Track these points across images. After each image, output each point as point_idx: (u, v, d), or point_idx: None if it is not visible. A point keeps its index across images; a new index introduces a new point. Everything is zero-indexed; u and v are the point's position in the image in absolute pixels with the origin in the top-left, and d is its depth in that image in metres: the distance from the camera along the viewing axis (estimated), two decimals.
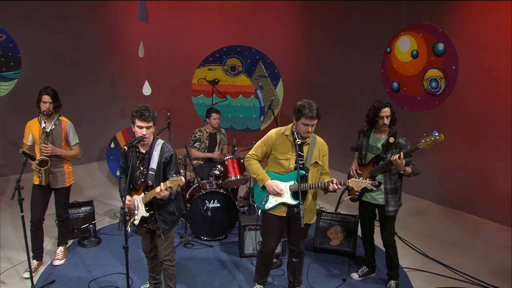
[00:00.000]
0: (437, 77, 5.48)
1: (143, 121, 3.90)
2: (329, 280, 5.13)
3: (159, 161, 4.03)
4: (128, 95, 9.33)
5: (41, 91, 5.00)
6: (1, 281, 4.90)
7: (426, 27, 5.55)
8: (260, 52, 7.56)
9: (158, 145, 4.07)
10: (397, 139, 4.58)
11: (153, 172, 4.02)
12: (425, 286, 5.09)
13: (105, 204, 7.11)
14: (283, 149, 4.22)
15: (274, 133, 4.30)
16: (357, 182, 4.05)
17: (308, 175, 4.20)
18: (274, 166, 4.30)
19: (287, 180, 4.23)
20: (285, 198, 4.22)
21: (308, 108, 3.98)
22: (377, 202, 4.75)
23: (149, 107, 3.96)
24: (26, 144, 5.12)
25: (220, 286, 4.95)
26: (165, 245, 4.24)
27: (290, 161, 4.19)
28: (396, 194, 4.67)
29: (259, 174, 4.31)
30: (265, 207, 4.31)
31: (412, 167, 4.52)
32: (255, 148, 4.38)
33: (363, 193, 4.84)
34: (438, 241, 6.22)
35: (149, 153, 4.05)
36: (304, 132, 4.08)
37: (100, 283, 4.90)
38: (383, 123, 4.59)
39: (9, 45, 6.13)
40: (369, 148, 4.78)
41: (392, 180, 4.64)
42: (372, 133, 4.78)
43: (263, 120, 7.68)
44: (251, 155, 4.38)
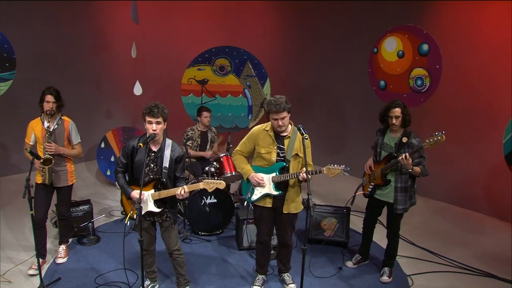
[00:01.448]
0: (422, 75, 5.85)
1: (152, 117, 4.12)
2: (325, 268, 5.43)
3: (171, 159, 4.26)
4: (114, 96, 9.41)
5: (44, 91, 5.07)
6: (6, 280, 4.97)
7: (412, 29, 5.92)
8: (247, 53, 7.78)
9: (169, 145, 4.30)
10: (410, 139, 4.74)
11: (166, 170, 4.23)
12: (414, 270, 5.44)
13: (98, 204, 7.17)
14: (264, 143, 4.47)
15: (256, 130, 4.57)
16: (331, 169, 4.27)
17: (289, 167, 4.44)
18: (259, 161, 4.56)
19: (270, 172, 4.48)
20: (268, 189, 4.49)
21: (273, 103, 4.22)
22: (386, 199, 4.98)
23: (158, 104, 4.18)
24: (28, 143, 5.16)
25: (223, 278, 5.15)
26: (173, 236, 4.48)
27: (272, 154, 4.44)
28: (405, 193, 4.86)
29: (243, 168, 4.59)
30: (252, 198, 4.60)
31: (422, 167, 4.73)
32: (240, 144, 4.67)
33: (375, 190, 5.07)
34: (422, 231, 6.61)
35: (161, 152, 4.26)
36: (276, 126, 4.33)
37: (105, 279, 5.02)
38: (391, 122, 4.81)
39: (4, 46, 6.18)
40: (384, 146, 4.98)
41: (402, 179, 4.84)
42: (388, 132, 4.98)
43: (251, 119, 7.90)
44: (237, 151, 4.68)
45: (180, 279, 4.67)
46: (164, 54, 9.72)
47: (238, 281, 5.11)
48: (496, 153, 6.56)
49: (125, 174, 4.43)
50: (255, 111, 7.84)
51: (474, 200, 7.27)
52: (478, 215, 7.22)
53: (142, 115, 4.23)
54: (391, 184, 4.90)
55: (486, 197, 7.16)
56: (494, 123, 6.77)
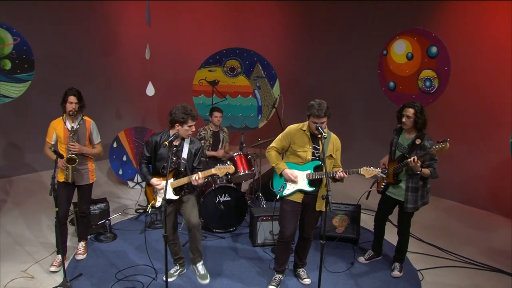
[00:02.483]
0: (431, 77, 6.05)
1: (194, 121, 4.64)
2: (338, 264, 5.61)
3: (189, 152, 4.70)
4: (124, 97, 9.57)
5: (66, 92, 5.21)
6: (29, 275, 5.13)
7: (421, 31, 6.11)
8: (257, 54, 7.97)
9: (188, 139, 4.75)
10: (423, 141, 4.87)
11: (184, 161, 4.68)
12: (424, 266, 5.63)
13: (111, 202, 7.21)
14: (300, 142, 4.66)
15: (293, 129, 4.74)
16: (368, 170, 4.50)
17: (323, 166, 4.58)
18: (293, 158, 4.74)
19: (305, 169, 4.67)
20: (302, 185, 4.67)
21: (316, 108, 4.41)
22: (398, 197, 5.16)
23: (190, 107, 4.65)
24: (49, 143, 5.28)
25: (239, 273, 5.33)
26: (194, 207, 4.87)
27: (308, 153, 4.64)
28: (416, 192, 5.00)
29: (277, 164, 4.77)
30: (283, 193, 4.75)
31: (432, 170, 4.88)
32: (276, 141, 4.84)
33: (388, 187, 5.26)
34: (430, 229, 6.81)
35: (181, 146, 4.70)
36: (314, 129, 4.52)
37: (125, 274, 5.18)
38: (402, 121, 4.97)
39: (23, 48, 6.34)
40: (398, 146, 5.13)
41: (413, 179, 4.98)
42: (403, 132, 5.12)
43: (261, 119, 8.08)
44: (272, 147, 4.85)
45: (196, 254, 5.04)
46: (173, 55, 9.90)
47: (254, 276, 5.29)
48: (502, 152, 6.78)
49: (148, 165, 4.88)
50: (265, 111, 8.01)
51: (479, 198, 7.47)
52: (484, 212, 7.42)
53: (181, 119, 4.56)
54: (402, 183, 5.08)
55: (491, 195, 7.36)
56: (500, 123, 6.98)
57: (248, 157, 6.67)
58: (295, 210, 4.77)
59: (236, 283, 5.13)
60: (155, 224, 6.49)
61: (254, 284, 5.11)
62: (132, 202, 7.45)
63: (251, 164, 6.63)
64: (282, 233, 4.88)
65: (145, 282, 5.03)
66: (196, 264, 5.05)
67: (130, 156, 8.07)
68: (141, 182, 8.09)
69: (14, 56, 6.29)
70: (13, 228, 6.37)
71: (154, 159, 4.79)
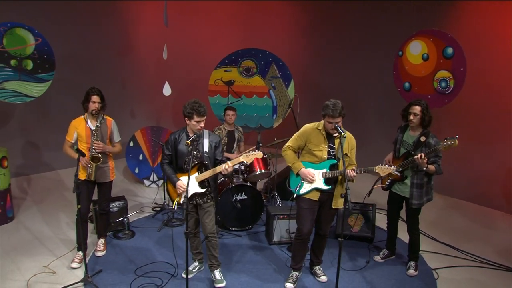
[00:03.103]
0: (446, 77, 6.11)
1: (201, 117, 4.61)
2: (353, 262, 5.70)
3: (210, 144, 4.79)
4: (138, 96, 9.71)
5: (89, 92, 5.30)
6: (51, 270, 5.26)
7: (436, 33, 6.18)
8: (273, 55, 8.06)
9: (206, 133, 4.85)
10: (428, 139, 4.97)
11: (207, 154, 4.75)
12: (438, 264, 5.70)
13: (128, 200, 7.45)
14: (316, 141, 4.75)
15: (309, 128, 4.83)
16: (383, 168, 4.61)
17: (339, 164, 4.74)
18: (309, 157, 4.82)
19: (320, 168, 4.76)
20: (318, 183, 4.75)
21: (331, 108, 4.50)
22: (403, 194, 5.26)
23: (201, 103, 4.65)
24: (70, 141, 5.37)
25: (256, 271, 5.43)
26: (210, 218, 4.90)
27: (323, 152, 4.73)
28: (421, 189, 5.11)
29: (294, 163, 4.86)
30: (300, 192, 4.84)
31: (437, 166, 4.98)
32: (292, 140, 4.93)
33: (393, 184, 5.36)
34: (445, 228, 6.87)
35: (200, 140, 4.79)
36: (329, 128, 4.62)
37: (144, 271, 5.29)
38: (409, 119, 5.06)
39: (44, 48, 6.50)
40: (403, 143, 5.23)
41: (418, 176, 5.09)
42: (408, 130, 5.23)
43: (275, 119, 8.17)
44: (288, 146, 4.93)
45: (213, 261, 5.04)
46: (189, 55, 10.04)
47: (271, 273, 5.37)
48: None
49: (170, 165, 4.93)
50: (280, 111, 8.10)
51: (491, 197, 7.51)
52: (498, 212, 7.47)
53: (187, 114, 4.63)
54: (407, 180, 5.17)
55: (503, 194, 7.40)
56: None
57: (264, 156, 6.76)
58: (311, 208, 4.86)
59: (254, 280, 5.23)
60: (172, 222, 6.60)
61: (271, 281, 5.20)
62: (148, 200, 7.57)
63: (267, 163, 6.72)
64: (300, 231, 4.96)
65: (164, 278, 5.13)
66: (213, 271, 5.07)
67: (146, 155, 8.19)
68: (157, 181, 8.22)
69: (35, 56, 6.45)
70: (32, 225, 6.51)
71: (175, 156, 4.85)
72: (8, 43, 6.25)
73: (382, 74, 8.30)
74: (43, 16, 7.84)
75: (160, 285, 4.99)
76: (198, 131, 4.70)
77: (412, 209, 5.23)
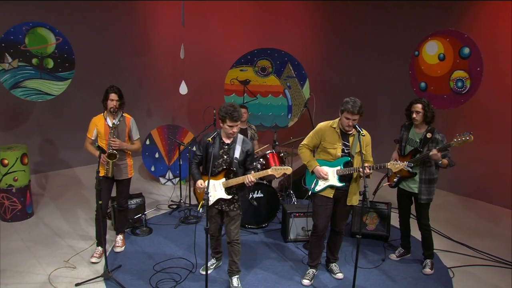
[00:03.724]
0: (462, 77, 6.14)
1: (233, 121, 4.52)
2: (369, 260, 5.75)
3: (242, 151, 4.70)
4: (154, 95, 9.83)
5: (108, 90, 5.41)
6: (71, 265, 5.38)
7: (453, 33, 6.22)
8: (288, 54, 8.13)
9: (240, 138, 4.75)
10: (434, 135, 5.13)
11: (237, 161, 4.68)
12: (453, 263, 5.74)
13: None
14: (330, 139, 4.83)
15: (323, 126, 4.92)
16: (395, 164, 4.71)
17: (353, 162, 4.82)
18: (324, 155, 4.92)
19: (335, 165, 4.85)
20: (333, 181, 4.85)
21: (351, 104, 4.59)
22: (411, 190, 5.36)
23: (236, 107, 4.54)
24: (90, 138, 5.51)
25: (273, 267, 5.51)
26: (235, 226, 4.85)
27: (337, 149, 4.81)
28: (430, 184, 5.23)
29: (309, 161, 4.97)
30: (315, 189, 4.94)
31: (448, 159, 5.11)
32: (307, 139, 5.03)
33: (400, 181, 5.45)
34: (459, 227, 6.90)
35: (233, 145, 4.71)
36: (346, 125, 4.69)
37: (163, 266, 5.39)
38: (412, 117, 5.21)
39: (64, 47, 6.63)
40: (409, 141, 5.37)
41: (427, 171, 5.21)
42: (413, 128, 5.35)
43: (290, 118, 8.24)
44: (303, 144, 5.04)
45: (233, 267, 5.01)
46: (204, 54, 10.16)
47: (288, 270, 5.45)
48: None
49: (198, 165, 4.89)
50: (295, 110, 8.17)
51: (504, 196, 7.51)
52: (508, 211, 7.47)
53: (221, 117, 4.56)
54: (416, 176, 5.26)
55: None
56: None
57: (280, 155, 6.85)
58: (326, 205, 4.95)
59: (271, 275, 5.32)
60: (188, 219, 6.70)
61: (288, 278, 5.28)
62: (164, 198, 7.69)
63: (283, 162, 6.80)
64: (316, 227, 5.07)
65: (182, 274, 5.23)
66: (231, 277, 5.04)
67: (162, 153, 8.30)
68: (172, 179, 8.32)
69: (56, 55, 6.60)
70: (51, 221, 6.66)
71: (205, 158, 4.79)
72: (30, 42, 6.39)
73: (397, 74, 8.34)
74: (62, 16, 7.99)
75: (178, 281, 5.09)
76: (230, 135, 4.64)
77: (421, 204, 5.33)
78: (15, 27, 6.31)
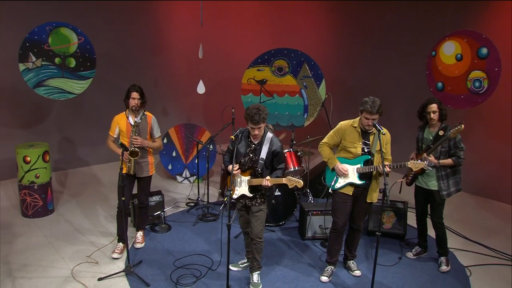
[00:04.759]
0: (480, 78, 6.21)
1: (254, 125, 4.58)
2: (386, 258, 5.83)
3: (268, 152, 4.75)
4: (170, 94, 9.97)
5: (129, 88, 5.56)
6: (94, 260, 5.53)
7: (471, 33, 6.29)
8: (305, 54, 8.22)
9: (268, 138, 4.78)
10: (447, 132, 5.22)
11: (262, 161, 4.74)
12: (470, 262, 5.81)
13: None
14: (351, 138, 4.95)
15: (344, 125, 5.03)
16: (415, 163, 4.82)
17: (373, 160, 4.92)
18: (344, 153, 5.04)
19: (355, 163, 4.96)
20: (352, 178, 4.96)
21: (369, 104, 4.69)
22: (428, 187, 5.47)
23: (260, 109, 4.57)
24: (112, 136, 5.66)
25: (292, 264, 5.63)
26: (259, 222, 4.93)
27: (357, 148, 4.92)
28: (447, 179, 5.36)
29: (330, 159, 5.09)
30: (335, 186, 5.06)
31: (455, 159, 5.22)
32: (328, 137, 5.15)
33: (416, 178, 5.57)
34: (474, 226, 6.97)
35: (260, 145, 4.77)
36: (366, 124, 4.80)
37: (183, 263, 5.52)
38: (430, 117, 5.33)
39: (86, 47, 6.78)
40: (424, 140, 5.50)
41: (442, 167, 5.32)
42: (427, 127, 5.50)
43: (307, 117, 8.34)
44: (324, 143, 5.15)
45: (254, 263, 5.11)
46: (220, 54, 10.30)
47: (306, 267, 5.57)
48: None
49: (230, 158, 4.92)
50: (311, 110, 8.26)
51: None
52: None
53: (244, 118, 4.66)
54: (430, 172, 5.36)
55: None
56: None
57: (297, 153, 6.96)
58: (346, 202, 5.05)
59: (290, 272, 5.44)
60: (207, 217, 6.83)
61: (306, 275, 5.39)
62: (181, 196, 7.83)
63: (300, 161, 6.92)
64: (335, 224, 5.17)
65: (202, 270, 5.36)
66: (252, 273, 5.15)
67: (179, 151, 8.43)
68: (189, 177, 8.46)
69: (78, 54, 6.75)
70: (72, 218, 6.82)
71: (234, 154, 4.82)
72: (53, 42, 6.55)
73: (413, 74, 8.39)
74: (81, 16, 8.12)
75: (199, 277, 5.21)
76: (254, 137, 4.73)
77: (436, 201, 5.43)
78: (39, 27, 6.46)
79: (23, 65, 6.42)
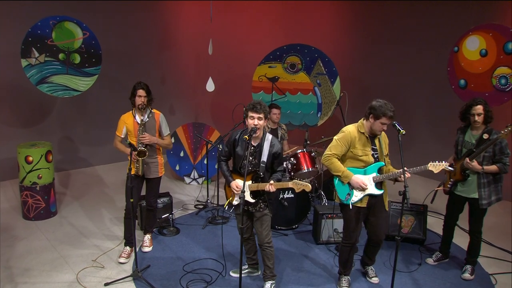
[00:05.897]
0: (506, 74, 6.10)
1: (255, 112, 4.50)
2: (405, 264, 5.73)
3: (269, 154, 4.65)
4: (177, 92, 9.93)
5: (135, 86, 5.50)
6: (100, 264, 5.47)
7: (497, 27, 6.18)
8: (319, 51, 8.14)
9: (268, 139, 4.69)
10: (492, 136, 4.97)
11: (264, 164, 4.63)
12: (496, 270, 5.67)
13: None
14: (361, 145, 4.71)
15: (352, 132, 4.73)
16: (436, 165, 4.61)
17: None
18: (352, 162, 4.77)
19: (368, 172, 4.73)
20: (371, 189, 4.72)
21: (387, 109, 4.50)
22: (467, 195, 5.27)
23: (261, 102, 4.60)
24: (119, 136, 5.61)
25: (307, 269, 5.55)
26: (264, 227, 4.83)
27: (369, 156, 4.71)
28: (488, 187, 5.11)
29: (343, 172, 4.73)
30: (351, 201, 4.77)
31: (500, 165, 4.98)
32: (334, 147, 4.77)
33: (456, 186, 5.36)
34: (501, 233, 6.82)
35: (260, 147, 4.66)
36: (380, 130, 4.62)
37: (192, 267, 5.45)
38: (474, 120, 5.06)
39: (91, 42, 6.75)
40: (465, 143, 5.26)
41: (484, 174, 5.09)
42: (469, 130, 5.24)
43: (320, 116, 8.26)
44: (331, 154, 4.76)
45: (267, 272, 5.01)
46: (230, 51, 10.25)
47: (321, 272, 5.49)
48: None
49: (227, 163, 4.89)
50: (325, 109, 8.17)
51: None
52: None
53: (244, 111, 4.64)
54: (472, 179, 5.16)
55: None
56: None
57: (311, 154, 6.87)
58: (360, 216, 4.85)
59: (304, 278, 5.35)
60: (216, 220, 6.76)
61: (321, 282, 5.29)
62: (188, 198, 7.78)
63: (314, 162, 6.83)
64: (350, 238, 4.95)
65: (213, 275, 5.29)
66: (265, 282, 5.04)
67: (187, 151, 8.38)
68: (197, 178, 8.40)
69: (83, 50, 6.71)
70: (76, 220, 6.78)
71: (233, 157, 4.81)
72: (56, 36, 6.51)
73: (432, 71, 8.29)
74: (86, 10, 8.11)
75: (209, 282, 5.15)
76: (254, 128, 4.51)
77: (478, 210, 5.23)
78: (42, 21, 6.43)
79: (26, 60, 6.39)
